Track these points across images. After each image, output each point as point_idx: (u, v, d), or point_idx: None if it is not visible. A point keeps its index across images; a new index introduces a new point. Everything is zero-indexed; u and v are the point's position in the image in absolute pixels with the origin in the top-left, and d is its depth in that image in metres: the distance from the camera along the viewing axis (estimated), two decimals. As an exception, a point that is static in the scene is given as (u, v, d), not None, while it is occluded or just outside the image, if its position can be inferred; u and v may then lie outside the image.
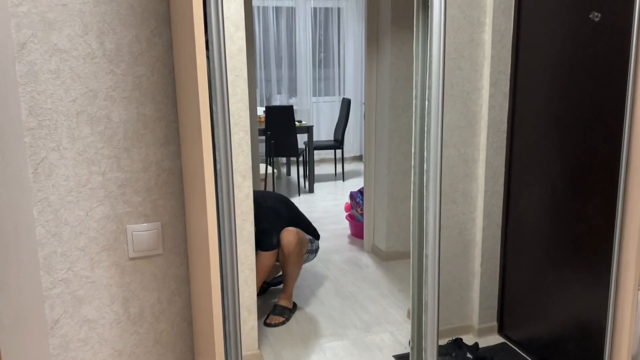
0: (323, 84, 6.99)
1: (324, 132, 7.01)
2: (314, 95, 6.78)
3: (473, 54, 2.30)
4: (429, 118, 1.20)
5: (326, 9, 6.86)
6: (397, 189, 3.38)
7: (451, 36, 2.31)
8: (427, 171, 1.22)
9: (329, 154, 6.70)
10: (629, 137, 1.28)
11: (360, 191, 3.85)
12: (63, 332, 1.40)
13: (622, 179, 1.32)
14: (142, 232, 1.42)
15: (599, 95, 1.35)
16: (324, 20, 6.83)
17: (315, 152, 6.75)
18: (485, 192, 2.28)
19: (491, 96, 2.30)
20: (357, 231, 3.94)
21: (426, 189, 1.23)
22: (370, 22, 3.36)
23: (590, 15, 1.52)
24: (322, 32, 6.87)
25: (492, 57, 2.27)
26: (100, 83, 1.34)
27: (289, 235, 2.55)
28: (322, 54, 6.84)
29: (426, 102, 1.24)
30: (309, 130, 5.30)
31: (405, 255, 3.54)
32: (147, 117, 1.39)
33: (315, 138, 7.04)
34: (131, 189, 1.41)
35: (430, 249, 1.22)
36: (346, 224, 4.18)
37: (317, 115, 6.94)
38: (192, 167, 1.25)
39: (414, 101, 1.30)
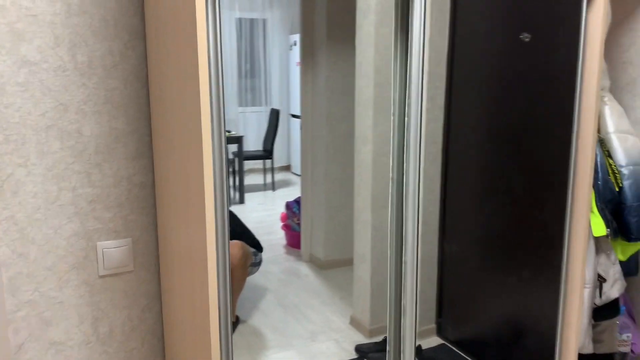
0: (250, 94, 6.99)
1: (252, 142, 7.00)
2: (240, 105, 6.76)
3: (404, 71, 2.43)
4: (408, 133, 1.28)
5: (252, 19, 6.88)
6: (335, 197, 3.46)
7: (382, 53, 2.43)
8: (407, 183, 1.30)
9: (257, 164, 6.69)
10: (576, 139, 1.43)
11: (297, 201, 3.89)
12: (28, 357, 1.33)
13: (570, 183, 1.46)
14: (112, 248, 1.39)
15: (528, 110, 1.48)
16: (250, 30, 6.85)
17: (244, 162, 6.71)
18: (423, 199, 2.40)
19: (428, 110, 2.44)
20: (293, 241, 3.98)
21: (405, 199, 1.30)
22: (305, 36, 3.43)
23: (520, 36, 1.65)
24: (248, 43, 6.88)
25: (429, 73, 2.41)
26: (72, 96, 1.30)
27: (233, 249, 2.54)
28: (247, 65, 6.85)
29: (405, 118, 1.31)
30: (238, 140, 5.28)
31: (343, 263, 3.62)
32: (119, 131, 1.37)
33: (243, 148, 6.99)
34: (102, 205, 1.37)
35: (409, 256, 1.30)
36: (281, 234, 4.21)
37: (244, 125, 6.92)
38: (172, 180, 1.24)
39: (392, 117, 1.38)
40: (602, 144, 1.68)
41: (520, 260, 1.48)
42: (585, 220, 1.51)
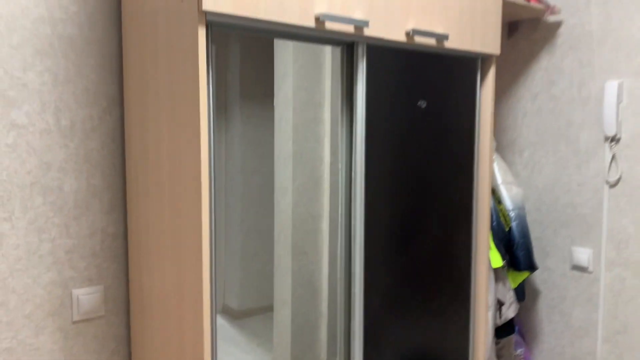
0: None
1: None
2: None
3: (316, 129, 2.75)
4: (355, 190, 1.56)
5: None
6: (249, 247, 3.64)
7: (299, 113, 2.74)
8: (354, 237, 1.58)
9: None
10: (477, 178, 1.79)
11: (212, 252, 4.01)
12: (2, 403, 1.40)
13: (474, 224, 1.82)
14: (86, 295, 1.51)
15: (438, 165, 1.81)
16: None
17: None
18: (330, 243, 2.69)
19: (332, 163, 2.75)
20: (208, 291, 4.06)
21: (352, 255, 1.58)
22: (218, 91, 3.68)
23: (418, 103, 2.03)
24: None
25: (331, 132, 2.74)
26: (55, 156, 1.44)
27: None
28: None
29: (352, 180, 1.59)
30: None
31: (258, 311, 3.77)
32: (95, 187, 1.51)
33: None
34: (78, 255, 1.50)
35: (357, 307, 1.57)
36: (195, 284, 4.26)
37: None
38: (150, 229, 1.41)
39: (340, 179, 1.65)
40: (494, 193, 2.08)
41: (436, 291, 1.79)
42: (486, 255, 1.87)
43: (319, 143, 2.75)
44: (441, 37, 1.61)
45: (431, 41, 1.61)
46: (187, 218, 1.27)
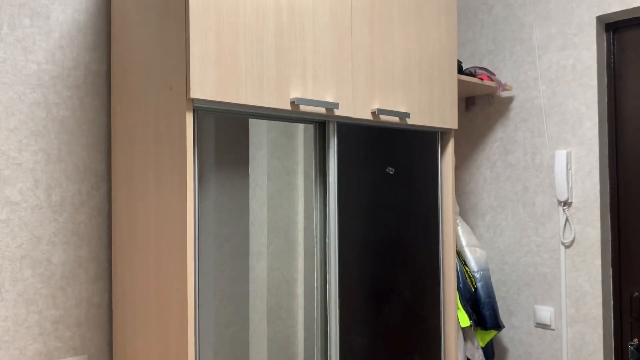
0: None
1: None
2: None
3: (290, 196, 2.87)
4: (329, 254, 1.67)
5: None
6: (224, 313, 3.67)
7: (273, 180, 2.87)
8: (329, 300, 1.67)
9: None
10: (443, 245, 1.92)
11: (186, 318, 4.00)
12: None
13: (441, 286, 1.93)
14: (70, 365, 1.55)
15: (397, 230, 1.94)
16: None
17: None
18: (305, 307, 2.77)
19: (305, 228, 2.87)
20: None
21: (328, 317, 1.67)
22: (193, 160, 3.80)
23: (386, 170, 2.18)
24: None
25: (305, 198, 2.87)
26: (45, 230, 1.53)
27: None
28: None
29: (326, 245, 1.70)
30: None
31: (234, 377, 3.75)
32: (82, 258, 1.59)
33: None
34: (63, 325, 1.55)
35: (333, 352, 1.64)
36: (169, 353, 4.22)
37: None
38: (139, 298, 1.49)
39: (315, 244, 1.76)
40: (459, 255, 2.21)
41: (410, 349, 1.88)
42: (454, 314, 1.98)
43: (293, 208, 2.87)
44: (403, 115, 1.77)
45: (395, 119, 1.77)
46: (172, 287, 1.36)
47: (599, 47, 2.14)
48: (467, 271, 2.18)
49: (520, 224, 2.35)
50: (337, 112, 1.61)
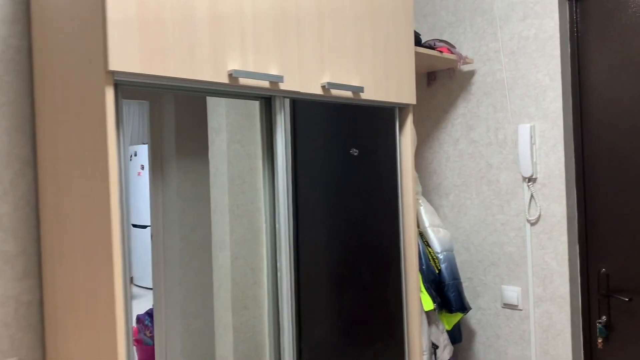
0: None
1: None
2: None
3: (253, 181, 2.76)
4: (279, 240, 1.56)
5: None
6: (191, 305, 3.54)
7: (234, 165, 2.74)
8: (281, 280, 1.56)
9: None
10: (404, 237, 1.82)
11: (149, 313, 3.87)
12: None
13: (403, 268, 1.84)
14: (-3, 369, 1.42)
15: (366, 210, 1.85)
16: None
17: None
18: (272, 296, 2.66)
19: (266, 212, 2.75)
20: (146, 355, 3.89)
21: (280, 294, 1.56)
22: (154, 148, 3.64)
23: (350, 151, 2.07)
24: None
25: (265, 180, 2.76)
26: (-39, 223, 1.38)
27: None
28: None
29: (275, 224, 1.59)
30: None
31: (202, 370, 3.63)
32: (7, 253, 1.45)
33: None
34: (-12, 326, 1.42)
35: (286, 344, 1.54)
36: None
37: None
38: (69, 295, 1.36)
39: (265, 229, 1.64)
40: (422, 236, 2.12)
41: (371, 336, 1.79)
42: (417, 298, 1.89)
43: (255, 194, 2.75)
44: (357, 90, 1.66)
45: (347, 94, 1.66)
46: (99, 283, 1.23)
47: (561, 16, 2.05)
48: (430, 252, 2.09)
49: (485, 202, 2.27)
50: (282, 86, 1.49)
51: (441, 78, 2.39)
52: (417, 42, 2.08)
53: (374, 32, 1.74)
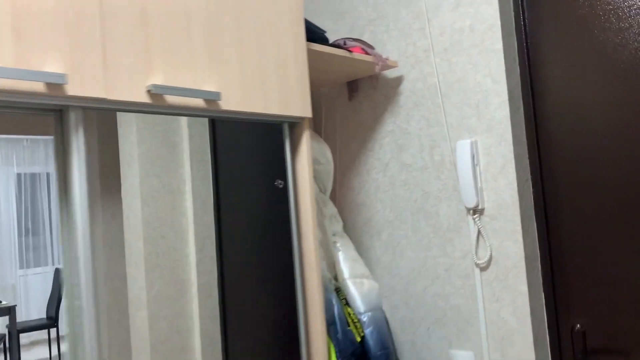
0: (32, 254, 6.22)
1: (36, 309, 6.09)
2: (22, 267, 5.94)
3: (176, 222, 2.26)
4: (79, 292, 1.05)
5: (33, 174, 6.34)
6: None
7: (151, 205, 2.24)
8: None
9: (42, 334, 5.77)
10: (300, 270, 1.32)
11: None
12: None
13: (303, 341, 1.33)
14: None
15: (286, 244, 1.40)
16: (31, 186, 6.27)
17: (25, 334, 5.76)
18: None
19: (199, 262, 2.25)
20: None
21: None
22: (92, 186, 3.15)
23: (275, 183, 1.60)
24: (29, 199, 6.26)
25: (196, 223, 2.26)
26: None
27: None
28: (29, 222, 6.16)
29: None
30: (10, 311, 4.52)
31: None
32: None
33: (24, 318, 6.04)
34: None
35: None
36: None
37: (25, 290, 6.04)
38: None
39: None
40: (339, 292, 1.61)
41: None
42: (323, 383, 1.37)
43: (180, 239, 2.24)
44: (210, 97, 1.18)
45: (197, 102, 1.18)
46: None
47: (501, 0, 1.61)
48: (349, 314, 1.58)
49: (423, 241, 1.77)
50: (72, 91, 1.00)
51: (364, 88, 1.92)
52: (321, 41, 1.62)
53: (239, 16, 1.27)
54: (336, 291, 1.59)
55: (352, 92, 1.93)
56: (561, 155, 1.60)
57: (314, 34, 1.58)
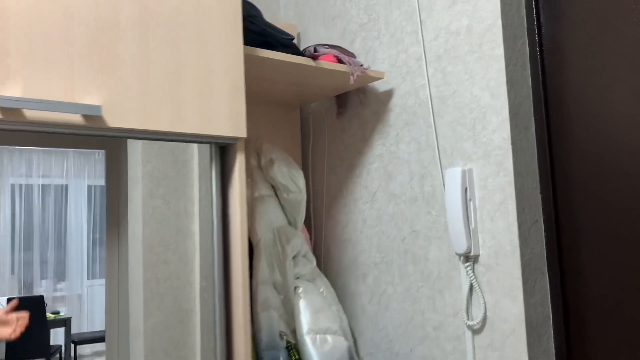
0: (99, 266, 6.37)
1: (101, 319, 6.21)
2: (89, 278, 6.09)
3: (181, 247, 2.09)
4: None
5: (102, 186, 6.52)
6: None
7: (154, 228, 2.09)
8: None
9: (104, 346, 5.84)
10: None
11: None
12: None
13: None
14: None
15: None
16: (100, 197, 6.45)
17: (89, 345, 5.87)
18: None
19: (203, 290, 2.05)
20: None
21: None
22: (112, 205, 3.10)
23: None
24: (98, 210, 6.44)
25: (201, 247, 2.07)
26: None
27: None
28: (97, 233, 6.33)
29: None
30: (65, 323, 4.59)
31: None
32: None
33: (89, 328, 6.18)
34: None
35: None
36: None
37: (91, 300, 6.19)
38: None
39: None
40: (291, 351, 1.33)
41: None
42: None
43: (185, 264, 2.08)
44: (88, 112, 0.96)
45: (73, 118, 0.96)
46: None
47: (505, -7, 1.28)
48: (301, 378, 1.29)
49: (411, 290, 1.45)
50: None
51: (352, 104, 1.64)
52: (286, 49, 1.37)
53: (142, 30, 1.05)
54: (287, 349, 1.31)
55: (340, 108, 1.66)
56: (584, 191, 1.23)
57: (272, 39, 1.33)
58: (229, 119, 1.14)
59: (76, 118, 0.96)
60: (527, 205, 1.25)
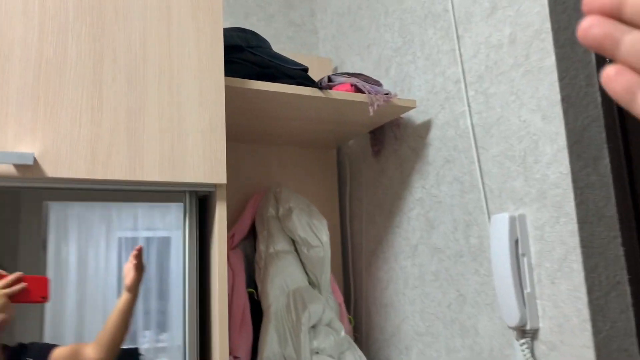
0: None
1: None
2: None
3: None
4: None
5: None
6: None
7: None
8: None
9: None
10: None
11: None
12: None
13: None
14: None
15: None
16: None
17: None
18: None
19: None
20: None
21: None
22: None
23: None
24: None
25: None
26: None
27: None
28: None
29: None
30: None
31: None
32: None
33: (191, 380, 6.17)
34: None
35: None
36: None
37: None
38: None
39: None
40: None
41: None
42: None
43: None
44: (19, 160, 0.83)
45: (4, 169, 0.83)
46: None
47: (554, -11, 0.99)
48: None
49: (460, 371, 1.14)
50: None
51: (389, 140, 1.40)
52: (294, 80, 1.18)
53: (96, 63, 0.92)
54: None
55: (374, 147, 1.42)
56: (686, 241, 0.88)
57: (275, 70, 1.15)
58: (206, 162, 0.96)
59: (8, 169, 0.83)
60: (602, 261, 0.92)
